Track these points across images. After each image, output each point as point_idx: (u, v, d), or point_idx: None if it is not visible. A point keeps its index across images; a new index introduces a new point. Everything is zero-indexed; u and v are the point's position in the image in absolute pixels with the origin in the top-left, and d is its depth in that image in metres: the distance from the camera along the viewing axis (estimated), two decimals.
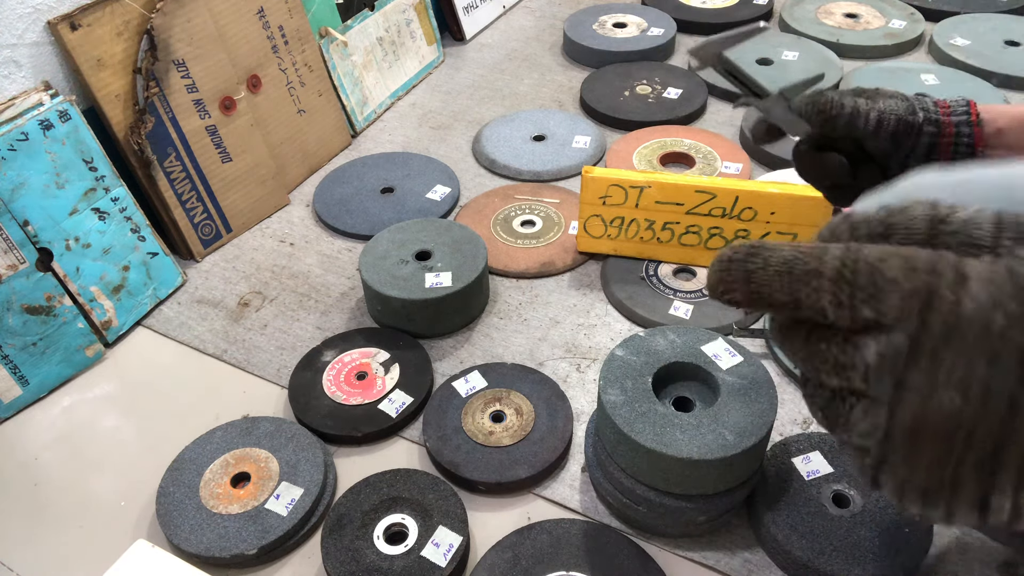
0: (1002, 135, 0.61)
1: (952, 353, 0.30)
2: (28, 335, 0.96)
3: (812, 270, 0.32)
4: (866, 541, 0.74)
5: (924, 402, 0.30)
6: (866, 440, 0.32)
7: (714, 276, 0.34)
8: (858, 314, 0.31)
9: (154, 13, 1.05)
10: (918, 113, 0.62)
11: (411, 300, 0.98)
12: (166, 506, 0.82)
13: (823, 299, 0.32)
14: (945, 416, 0.30)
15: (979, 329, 0.29)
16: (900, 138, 0.61)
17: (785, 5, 1.73)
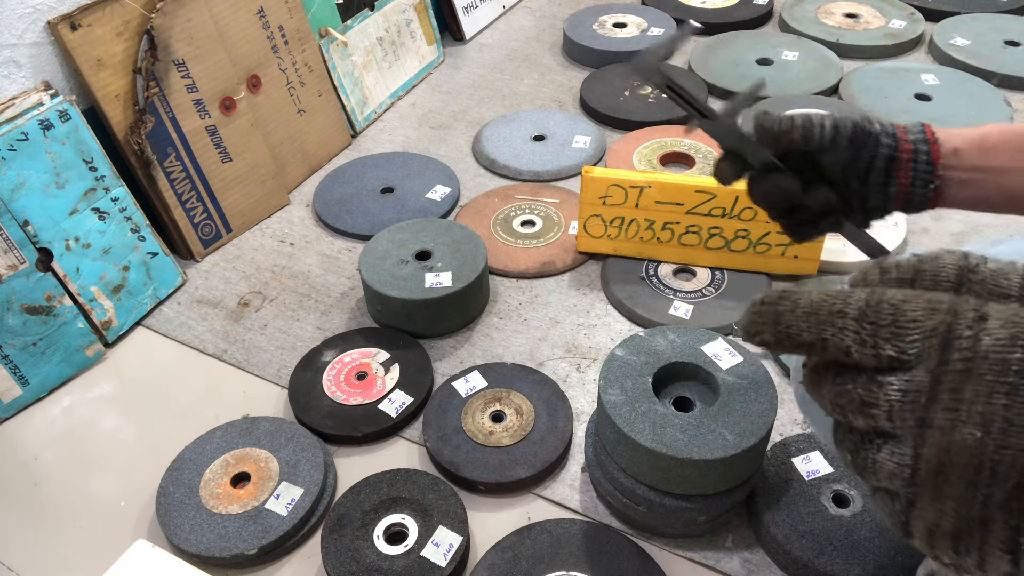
0: (959, 155, 0.60)
1: (972, 389, 0.30)
2: (28, 335, 0.96)
3: (838, 311, 0.33)
4: (866, 541, 0.74)
5: (947, 438, 0.30)
6: (894, 482, 0.32)
7: (746, 318, 0.35)
8: (881, 352, 0.32)
9: (154, 13, 1.05)
10: (873, 124, 0.60)
11: (411, 300, 0.98)
12: (166, 506, 0.82)
13: (847, 338, 0.32)
14: (968, 451, 0.30)
15: (997, 364, 0.29)
16: (858, 145, 0.59)
17: (785, 5, 1.73)
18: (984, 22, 1.63)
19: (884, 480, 0.33)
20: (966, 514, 0.31)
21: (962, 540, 0.31)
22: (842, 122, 0.58)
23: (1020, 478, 0.30)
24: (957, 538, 0.31)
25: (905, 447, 0.32)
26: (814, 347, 0.34)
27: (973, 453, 0.30)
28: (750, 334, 0.36)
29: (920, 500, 0.32)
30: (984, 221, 1.19)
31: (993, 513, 0.30)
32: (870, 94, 1.43)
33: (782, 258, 1.06)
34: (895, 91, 1.44)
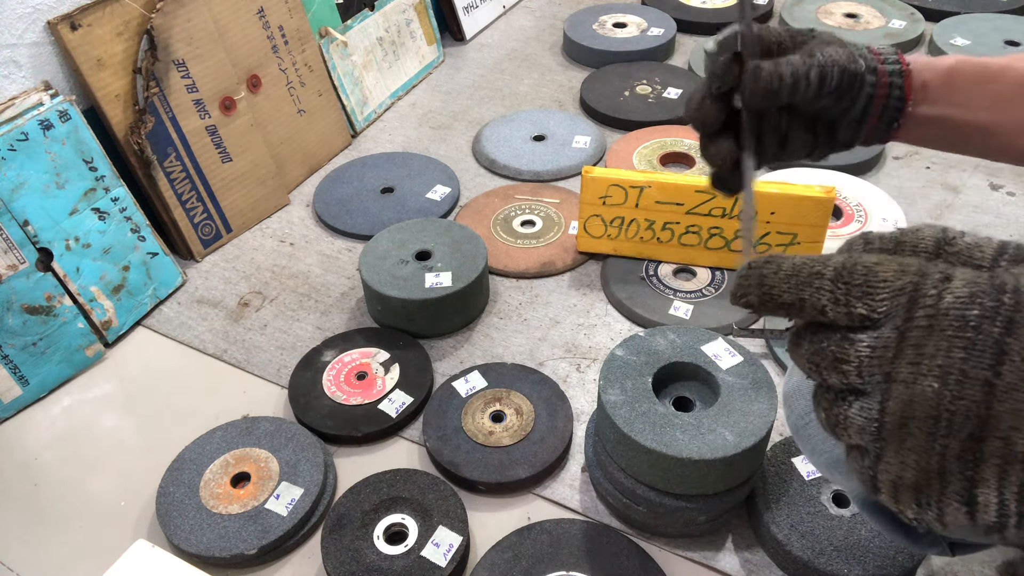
0: (927, 90, 0.57)
1: (933, 343, 0.32)
2: (28, 335, 0.96)
3: (816, 272, 0.35)
4: (866, 541, 0.74)
5: (909, 390, 0.32)
6: (863, 437, 0.34)
7: (735, 282, 0.37)
8: (853, 310, 0.34)
9: (154, 13, 1.05)
10: (858, 60, 0.56)
11: (411, 300, 0.98)
12: (166, 506, 0.82)
13: (823, 298, 0.34)
14: (927, 402, 0.32)
15: (957, 320, 0.31)
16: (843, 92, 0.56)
17: (785, 5, 1.73)
18: (984, 22, 1.63)
19: (855, 435, 0.34)
20: (926, 465, 0.32)
21: (923, 492, 0.33)
22: (829, 70, 0.54)
23: (973, 429, 0.31)
24: (919, 490, 0.33)
25: (873, 401, 0.34)
26: (793, 307, 0.35)
27: (932, 404, 0.32)
28: (737, 296, 0.37)
29: (886, 453, 0.34)
30: (984, 221, 1.19)
31: (950, 464, 0.32)
32: None
33: None
34: None
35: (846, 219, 1.16)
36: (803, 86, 0.54)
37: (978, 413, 0.31)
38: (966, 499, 0.32)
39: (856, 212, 1.17)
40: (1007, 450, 0.31)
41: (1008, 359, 0.31)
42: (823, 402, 0.36)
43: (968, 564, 0.77)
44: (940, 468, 0.32)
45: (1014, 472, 0.31)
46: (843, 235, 1.13)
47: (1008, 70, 0.56)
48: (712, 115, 0.55)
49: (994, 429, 0.31)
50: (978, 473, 0.32)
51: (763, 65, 0.52)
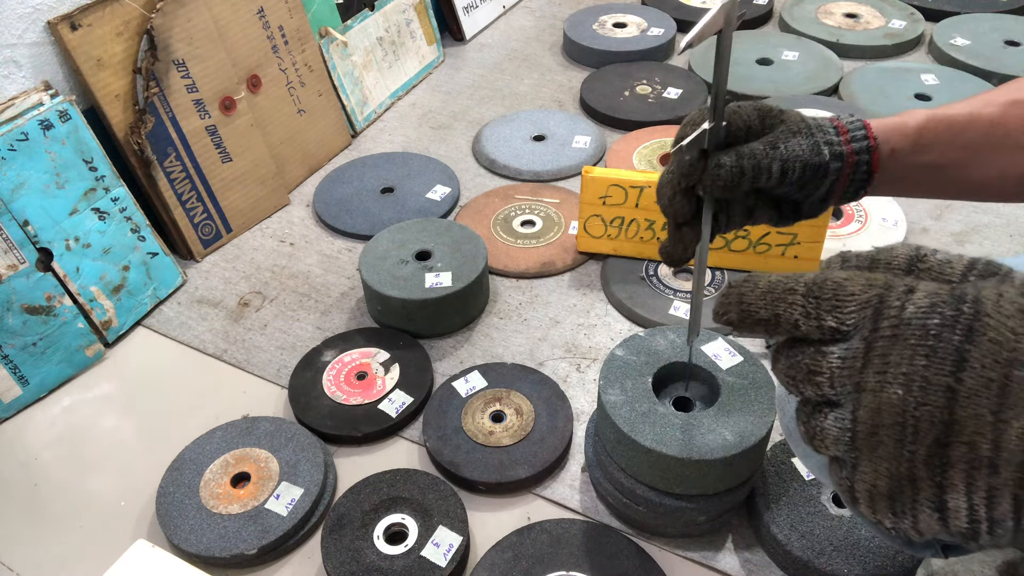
0: (895, 155, 0.58)
1: (898, 352, 0.33)
2: (28, 335, 0.96)
3: (789, 288, 0.37)
4: (866, 541, 0.74)
5: (877, 398, 0.33)
6: (839, 447, 0.35)
7: (716, 301, 0.40)
8: (823, 323, 0.35)
9: (154, 13, 1.05)
10: (823, 151, 0.56)
11: (411, 300, 0.98)
12: (166, 506, 0.82)
13: (796, 312, 0.36)
14: (893, 409, 0.33)
15: (918, 329, 0.33)
16: (805, 182, 0.57)
17: (785, 5, 1.73)
18: (984, 22, 1.63)
19: (831, 446, 0.36)
20: (897, 472, 0.33)
21: (897, 500, 0.34)
22: (791, 165, 0.55)
23: (939, 434, 0.32)
24: (892, 499, 0.34)
25: (845, 412, 0.35)
26: (769, 323, 0.37)
27: (898, 410, 0.33)
28: (719, 315, 0.40)
29: (860, 462, 0.35)
30: (984, 221, 1.19)
31: (919, 470, 0.33)
32: (870, 94, 1.43)
33: (782, 258, 1.06)
34: (895, 91, 1.44)
35: (846, 219, 1.16)
36: (764, 178, 0.55)
37: (942, 418, 0.32)
38: (937, 505, 0.33)
39: (856, 212, 1.17)
40: (972, 454, 0.32)
41: (968, 365, 0.31)
42: (801, 416, 0.37)
43: (968, 564, 0.77)
44: (910, 474, 0.33)
45: (980, 476, 0.32)
46: (843, 235, 1.13)
47: (974, 120, 0.57)
48: (683, 209, 0.57)
49: (958, 434, 0.32)
50: (946, 478, 0.32)
51: (724, 162, 0.54)
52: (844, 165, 0.57)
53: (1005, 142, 0.57)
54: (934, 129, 0.58)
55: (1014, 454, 0.31)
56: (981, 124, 0.57)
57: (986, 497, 0.32)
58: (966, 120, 0.57)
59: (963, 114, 0.58)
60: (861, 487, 0.35)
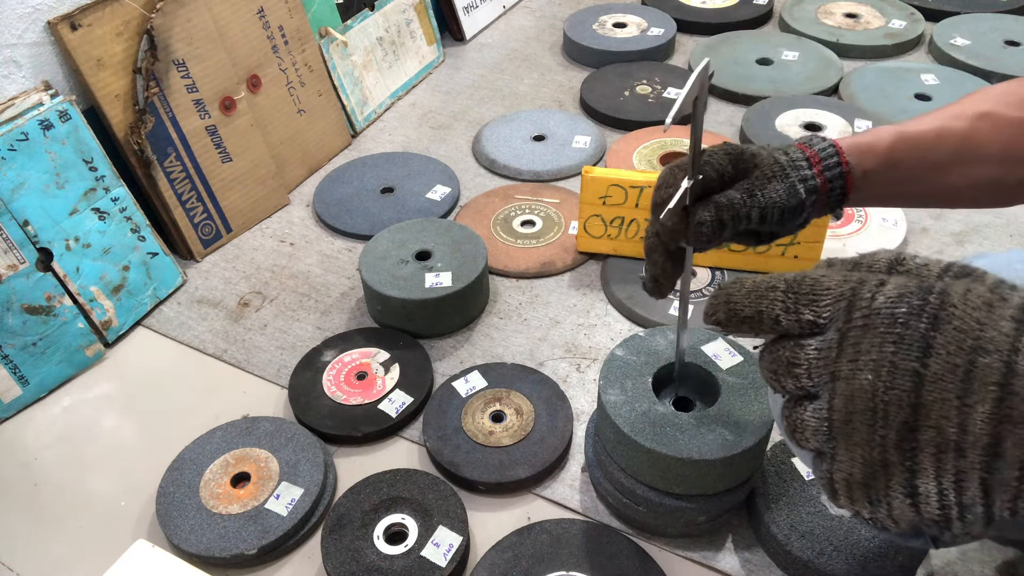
0: (868, 177, 0.59)
1: (868, 340, 0.35)
2: (28, 335, 0.96)
3: (771, 286, 0.39)
4: (866, 541, 0.74)
5: (849, 386, 0.35)
6: (818, 439, 0.37)
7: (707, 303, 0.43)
8: (801, 317, 0.38)
9: (154, 13, 1.05)
10: (799, 191, 0.57)
11: (411, 300, 0.98)
12: (166, 506, 0.82)
13: (776, 307, 0.38)
14: (864, 394, 0.34)
15: (887, 318, 0.34)
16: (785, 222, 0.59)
17: (785, 5, 1.73)
18: (984, 22, 1.63)
19: (811, 439, 0.37)
20: (871, 458, 0.35)
21: (872, 488, 0.35)
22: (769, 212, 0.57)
23: (907, 417, 0.33)
24: (868, 486, 0.35)
25: (823, 403, 0.37)
26: (753, 320, 0.40)
27: (868, 396, 0.34)
28: (708, 315, 0.42)
29: (838, 452, 0.36)
30: (984, 221, 1.19)
31: (891, 455, 0.34)
32: (870, 94, 1.43)
33: (782, 258, 1.06)
34: (895, 91, 1.44)
35: (846, 219, 1.16)
36: (743, 225, 0.57)
37: (910, 402, 0.33)
38: (909, 490, 0.34)
39: (856, 213, 1.17)
40: (940, 438, 0.33)
41: (934, 352, 0.33)
42: (784, 410, 0.39)
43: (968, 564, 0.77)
44: (883, 460, 0.34)
45: (948, 460, 0.33)
46: (843, 235, 1.13)
47: (943, 136, 0.58)
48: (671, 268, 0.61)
49: (926, 418, 0.33)
50: (917, 463, 0.34)
51: (705, 218, 0.56)
52: (819, 195, 0.59)
53: (975, 155, 0.58)
54: (904, 148, 0.59)
55: (979, 438, 0.32)
56: (950, 139, 0.58)
57: (954, 481, 0.33)
58: (935, 137, 0.59)
59: (932, 130, 0.59)
60: (839, 476, 0.36)
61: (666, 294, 0.64)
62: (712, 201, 0.56)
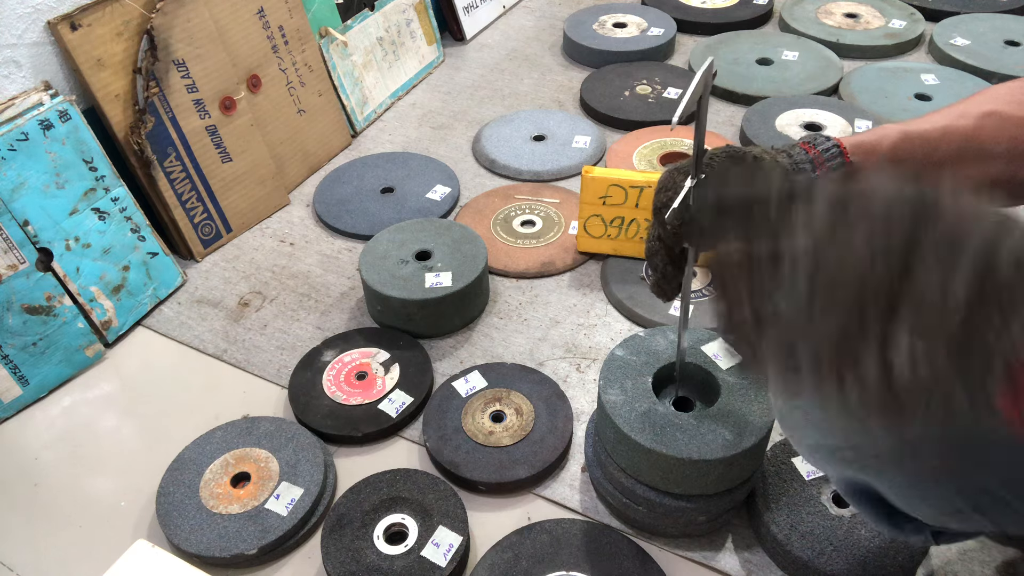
0: None
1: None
2: (28, 335, 0.96)
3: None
4: (866, 541, 0.74)
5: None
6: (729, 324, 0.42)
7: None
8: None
9: (154, 13, 1.05)
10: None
11: (411, 300, 0.98)
12: (166, 506, 0.82)
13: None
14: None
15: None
16: None
17: (785, 5, 1.73)
18: (984, 22, 1.63)
19: (723, 329, 0.41)
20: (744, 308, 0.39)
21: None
22: None
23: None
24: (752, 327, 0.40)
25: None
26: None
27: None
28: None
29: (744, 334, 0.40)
30: None
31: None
32: (870, 94, 1.43)
33: None
34: (895, 91, 1.44)
35: None
36: None
37: None
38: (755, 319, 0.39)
39: None
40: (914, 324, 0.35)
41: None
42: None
43: (968, 564, 0.77)
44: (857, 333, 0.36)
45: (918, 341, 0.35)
46: None
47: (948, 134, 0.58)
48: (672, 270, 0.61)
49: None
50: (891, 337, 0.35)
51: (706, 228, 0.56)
52: None
53: (980, 153, 0.58)
54: (908, 148, 0.59)
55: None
56: (955, 137, 0.58)
57: (881, 336, 0.34)
58: (940, 135, 0.58)
59: (937, 128, 0.59)
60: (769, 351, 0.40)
61: (673, 296, 0.64)
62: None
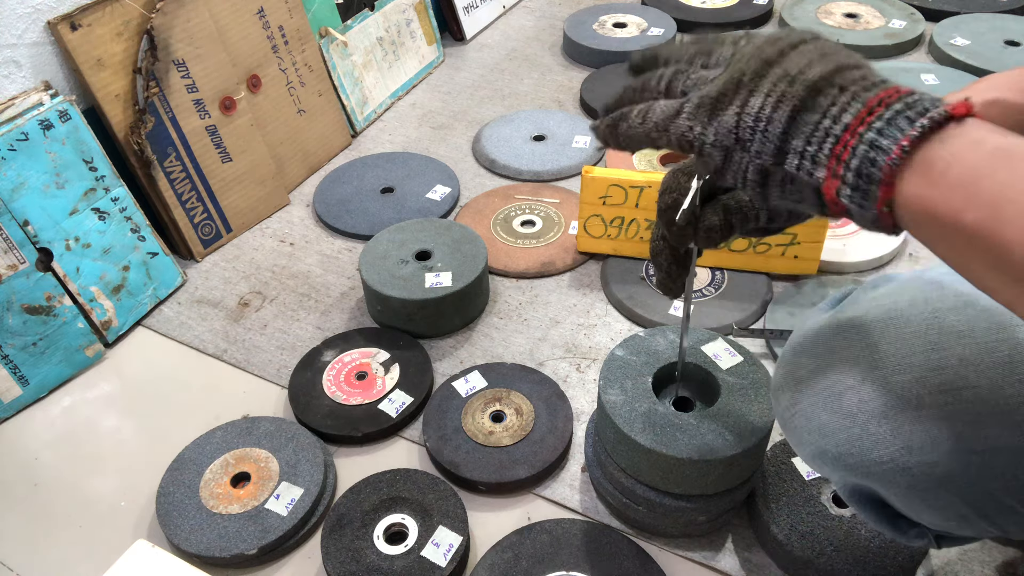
0: None
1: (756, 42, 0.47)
2: (28, 335, 0.96)
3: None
4: (866, 541, 0.74)
5: (746, 47, 0.46)
6: (696, 87, 0.47)
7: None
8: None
9: (154, 13, 1.05)
10: None
11: (411, 300, 0.98)
12: (166, 506, 0.82)
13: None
14: (753, 50, 0.45)
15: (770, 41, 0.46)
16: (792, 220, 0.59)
17: (785, 5, 1.73)
18: (984, 22, 1.63)
19: (693, 87, 0.47)
20: (731, 79, 0.44)
21: (718, 104, 0.44)
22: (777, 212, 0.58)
23: (770, 57, 0.44)
24: (716, 103, 0.45)
25: (715, 71, 0.47)
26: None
27: (756, 48, 0.46)
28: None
29: (714, 82, 0.46)
30: None
31: (745, 77, 0.44)
32: None
33: (782, 258, 1.06)
34: None
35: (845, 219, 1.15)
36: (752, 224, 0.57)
37: (778, 51, 0.44)
38: (741, 104, 0.43)
39: None
40: (783, 71, 0.43)
41: (802, 44, 0.44)
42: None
43: (968, 564, 0.77)
44: (738, 80, 0.44)
45: (781, 85, 0.42)
46: (842, 235, 1.13)
47: None
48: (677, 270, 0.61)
49: (781, 63, 0.43)
50: (757, 86, 0.43)
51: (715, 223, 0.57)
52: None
53: None
54: None
55: (809, 77, 0.42)
56: None
57: (775, 101, 0.42)
58: None
59: None
60: (703, 94, 0.45)
61: (678, 294, 0.64)
62: (720, 203, 0.56)
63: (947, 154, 0.37)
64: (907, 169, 0.38)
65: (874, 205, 0.40)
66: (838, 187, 0.41)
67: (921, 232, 0.40)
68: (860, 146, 0.39)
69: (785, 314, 1.02)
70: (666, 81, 0.49)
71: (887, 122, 0.39)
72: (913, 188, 0.38)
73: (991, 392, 0.48)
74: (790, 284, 1.07)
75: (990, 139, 0.37)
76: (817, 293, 1.05)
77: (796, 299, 1.04)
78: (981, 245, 0.36)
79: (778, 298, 1.05)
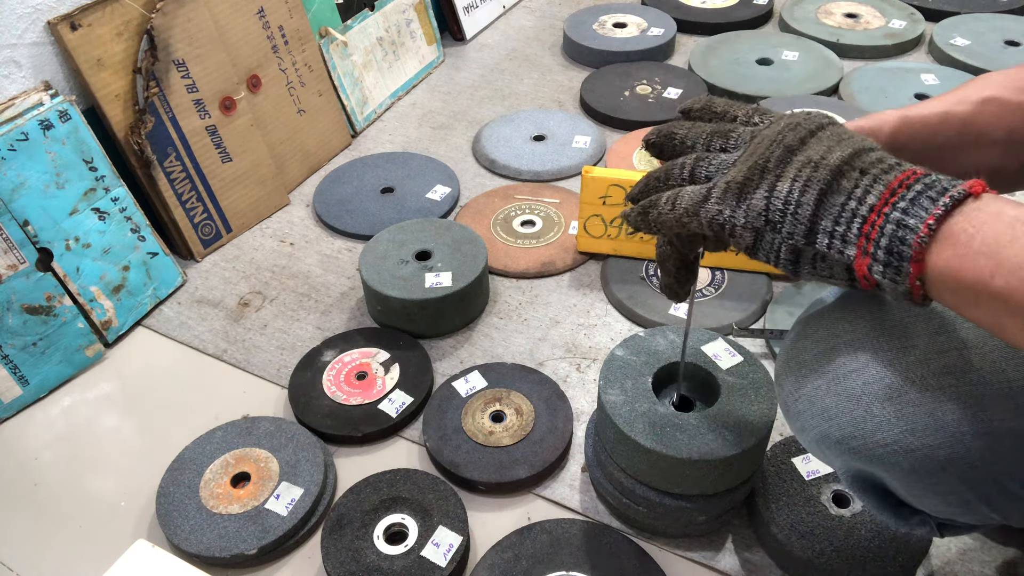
0: None
1: (776, 127, 0.51)
2: (28, 335, 0.96)
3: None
4: (866, 541, 0.74)
5: (767, 131, 0.50)
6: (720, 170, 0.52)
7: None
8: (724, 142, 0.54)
9: (154, 13, 1.05)
10: None
11: (411, 300, 0.98)
12: (166, 506, 0.82)
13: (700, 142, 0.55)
14: (770, 135, 0.49)
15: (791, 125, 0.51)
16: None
17: (785, 5, 1.73)
18: (984, 22, 1.63)
19: (717, 170, 0.51)
20: (755, 166, 0.48)
21: (745, 188, 0.48)
22: None
23: (792, 144, 0.48)
24: (743, 187, 0.48)
25: (735, 155, 0.51)
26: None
27: (773, 135, 0.49)
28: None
29: (735, 165, 0.50)
30: None
31: (770, 164, 0.48)
32: (870, 94, 1.43)
33: None
34: (895, 91, 1.44)
35: None
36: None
37: (799, 138, 0.47)
38: (768, 188, 0.46)
39: None
40: (806, 158, 0.46)
41: (820, 131, 0.48)
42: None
43: (968, 564, 0.77)
44: (763, 167, 0.47)
45: (805, 171, 0.45)
46: None
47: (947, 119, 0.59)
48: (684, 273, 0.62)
49: (803, 150, 0.47)
50: (783, 171, 0.46)
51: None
52: None
53: (978, 139, 0.58)
54: (908, 132, 0.59)
55: (832, 162, 0.46)
56: (954, 122, 0.58)
57: (802, 185, 0.45)
58: (939, 121, 0.59)
59: (936, 114, 0.59)
60: (726, 181, 0.48)
61: (684, 298, 0.64)
62: None
63: (970, 227, 0.41)
64: (934, 243, 0.42)
65: (907, 280, 0.43)
66: (869, 264, 0.44)
67: (953, 298, 0.42)
68: (888, 225, 0.43)
69: (785, 314, 1.02)
70: (689, 169, 0.52)
71: (910, 202, 0.42)
72: (942, 260, 0.41)
73: (994, 375, 0.48)
74: (790, 284, 1.07)
75: (1007, 210, 0.41)
76: (817, 293, 1.05)
77: (796, 299, 1.04)
78: (1012, 306, 0.40)
79: (778, 298, 1.05)
